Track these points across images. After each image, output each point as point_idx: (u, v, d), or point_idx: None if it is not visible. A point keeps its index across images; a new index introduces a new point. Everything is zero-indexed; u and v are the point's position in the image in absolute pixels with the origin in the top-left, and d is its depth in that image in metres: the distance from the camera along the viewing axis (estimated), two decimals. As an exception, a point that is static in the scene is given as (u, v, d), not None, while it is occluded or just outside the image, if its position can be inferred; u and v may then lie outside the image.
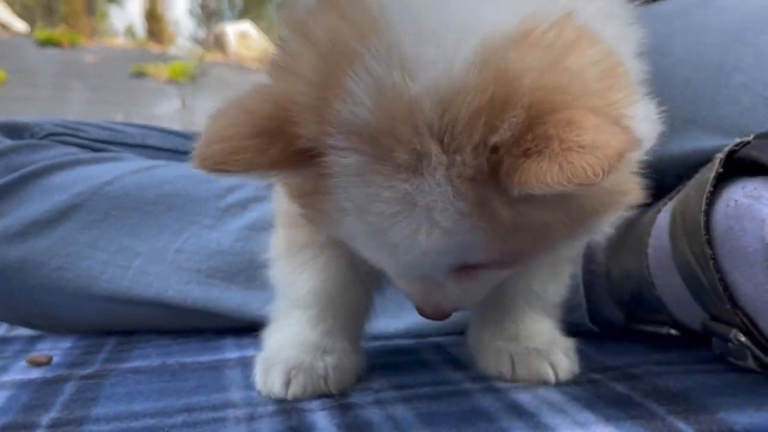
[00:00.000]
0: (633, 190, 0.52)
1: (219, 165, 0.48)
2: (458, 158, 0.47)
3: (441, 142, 0.47)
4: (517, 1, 0.50)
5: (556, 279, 0.70)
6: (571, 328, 0.79)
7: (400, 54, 0.47)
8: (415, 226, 0.49)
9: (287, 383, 0.62)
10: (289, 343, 0.65)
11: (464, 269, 0.54)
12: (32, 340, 0.92)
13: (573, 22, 0.49)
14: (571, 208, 0.50)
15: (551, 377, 0.64)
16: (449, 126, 0.46)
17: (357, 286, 0.66)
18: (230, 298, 0.89)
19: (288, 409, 0.59)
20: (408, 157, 0.47)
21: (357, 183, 0.49)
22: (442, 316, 0.60)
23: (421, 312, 0.60)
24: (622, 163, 0.43)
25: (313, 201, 0.53)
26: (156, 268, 0.91)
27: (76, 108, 6.84)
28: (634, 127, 0.48)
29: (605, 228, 0.56)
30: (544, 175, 0.43)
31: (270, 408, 0.59)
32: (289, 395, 0.62)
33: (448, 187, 0.47)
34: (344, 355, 0.65)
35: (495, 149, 0.46)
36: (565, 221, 0.50)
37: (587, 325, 0.79)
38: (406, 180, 0.48)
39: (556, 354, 0.66)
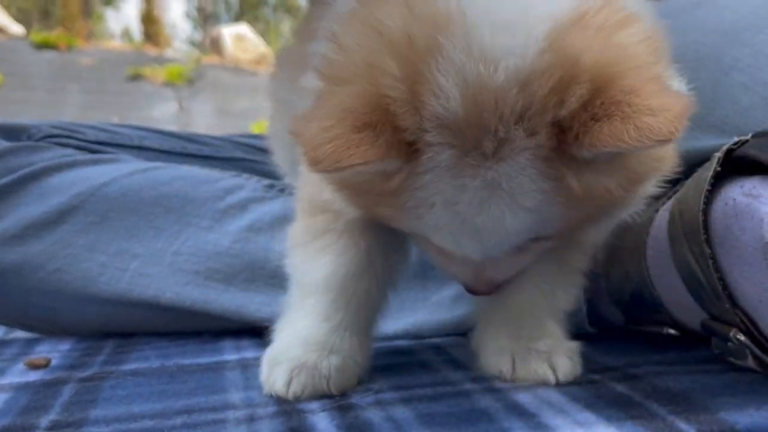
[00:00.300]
0: (672, 156, 0.57)
1: (336, 163, 0.49)
2: (535, 140, 0.50)
3: (522, 127, 0.50)
4: None
5: (567, 287, 0.71)
6: (570, 331, 0.78)
7: (480, 45, 0.49)
8: (501, 210, 0.52)
9: (289, 382, 0.62)
10: (297, 341, 0.65)
11: (526, 243, 0.57)
12: (30, 343, 0.92)
13: (616, 4, 0.53)
14: (626, 172, 0.53)
15: (551, 378, 0.64)
16: (526, 110, 0.49)
17: (371, 275, 0.66)
18: (229, 300, 0.89)
19: (288, 410, 0.59)
20: (493, 145, 0.50)
21: (447, 176, 0.51)
22: (494, 290, 0.63)
23: (472, 290, 0.63)
24: (686, 123, 0.47)
25: (393, 199, 0.54)
26: (154, 269, 0.91)
27: (73, 111, 6.83)
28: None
29: (638, 205, 0.62)
30: (621, 134, 0.47)
31: (270, 409, 0.59)
32: (290, 394, 0.62)
33: (531, 169, 0.50)
34: (349, 356, 0.65)
35: (563, 121, 0.49)
36: (622, 185, 0.53)
37: (586, 328, 0.79)
38: (491, 167, 0.50)
39: (558, 355, 0.66)
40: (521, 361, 0.65)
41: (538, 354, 0.66)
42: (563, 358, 0.66)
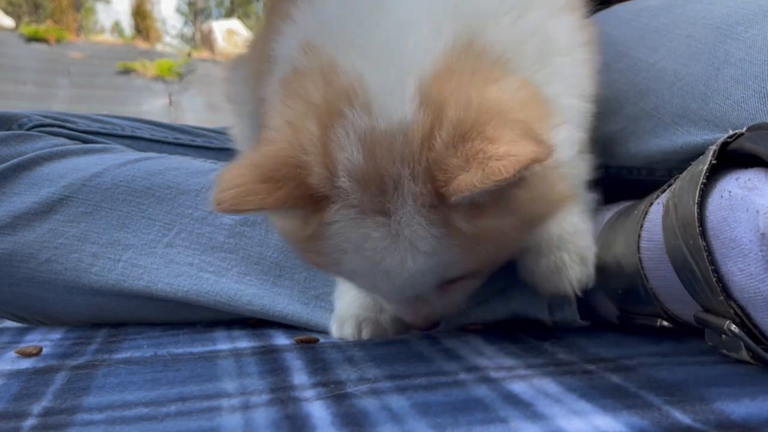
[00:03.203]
0: (566, 197, 0.65)
1: (234, 206, 0.57)
2: (418, 186, 0.57)
3: (408, 172, 0.57)
4: (433, 39, 0.62)
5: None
6: (561, 325, 0.79)
7: (374, 106, 0.58)
8: (402, 255, 0.59)
9: (359, 333, 0.78)
10: (356, 304, 0.79)
11: (446, 284, 0.65)
12: (21, 332, 0.91)
13: (487, 55, 0.62)
14: (517, 213, 0.60)
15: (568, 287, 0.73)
16: (409, 157, 0.57)
17: None
18: (220, 291, 0.88)
19: (283, 398, 0.58)
20: (390, 192, 0.58)
21: (353, 225, 0.59)
22: (433, 326, 0.73)
23: (415, 326, 0.73)
24: (533, 168, 0.53)
25: (313, 245, 0.62)
26: (146, 260, 0.90)
27: (62, 104, 6.80)
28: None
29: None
30: (472, 179, 0.53)
31: (265, 397, 0.59)
32: (362, 336, 0.78)
33: (420, 216, 0.58)
34: None
35: (433, 168, 0.57)
36: (515, 225, 0.61)
37: (577, 322, 0.80)
38: (390, 216, 0.58)
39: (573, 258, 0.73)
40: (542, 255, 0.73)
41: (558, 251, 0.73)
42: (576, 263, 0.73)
